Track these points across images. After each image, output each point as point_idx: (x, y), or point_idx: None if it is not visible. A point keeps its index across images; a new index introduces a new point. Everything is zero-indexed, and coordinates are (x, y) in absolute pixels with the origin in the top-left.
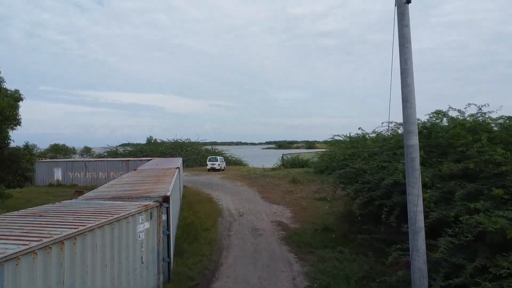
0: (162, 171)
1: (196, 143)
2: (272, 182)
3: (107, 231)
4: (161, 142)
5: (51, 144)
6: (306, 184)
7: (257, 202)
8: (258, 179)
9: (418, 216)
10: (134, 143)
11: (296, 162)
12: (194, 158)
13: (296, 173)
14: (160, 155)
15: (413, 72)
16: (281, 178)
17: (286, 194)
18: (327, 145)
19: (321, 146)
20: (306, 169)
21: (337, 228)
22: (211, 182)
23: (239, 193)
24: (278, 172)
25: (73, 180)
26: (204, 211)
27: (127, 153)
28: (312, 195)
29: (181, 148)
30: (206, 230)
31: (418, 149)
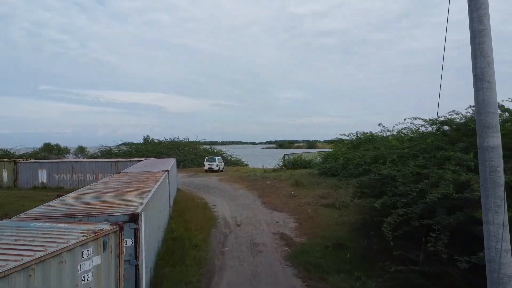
0: (147, 175)
1: (194, 143)
2: (273, 185)
3: (19, 279)
4: (158, 142)
5: (45, 142)
6: (311, 187)
7: (256, 208)
8: (258, 182)
9: (504, 258)
10: (133, 143)
11: (299, 162)
12: (192, 158)
13: (299, 174)
14: (157, 155)
15: (491, 35)
16: (283, 180)
17: (289, 199)
18: (332, 144)
19: (323, 145)
20: (310, 171)
21: (352, 244)
22: (208, 184)
23: (237, 197)
24: (280, 174)
25: (59, 183)
26: (196, 220)
27: (122, 153)
28: (318, 201)
29: (179, 148)
30: (195, 246)
31: (501, 153)
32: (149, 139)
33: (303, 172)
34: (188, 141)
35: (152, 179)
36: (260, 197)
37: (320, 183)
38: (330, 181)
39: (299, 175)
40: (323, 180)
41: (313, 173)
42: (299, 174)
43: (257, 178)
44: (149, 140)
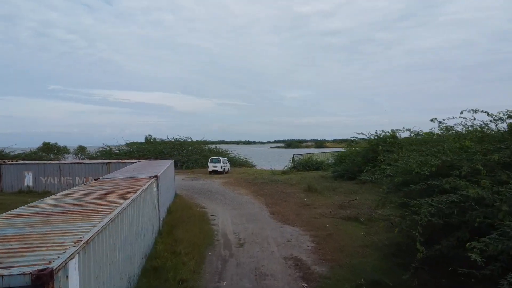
0: (127, 184)
1: (198, 142)
2: (283, 190)
3: None
4: (160, 142)
5: (44, 142)
6: (326, 193)
7: (264, 220)
8: (265, 186)
9: None
10: (134, 142)
11: (309, 164)
12: (196, 158)
13: (310, 178)
14: (158, 156)
15: None
16: (294, 184)
17: (302, 208)
18: (345, 144)
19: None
20: (322, 173)
21: (392, 280)
22: (210, 189)
23: (242, 205)
24: (290, 177)
25: (46, 186)
26: (190, 238)
27: (122, 153)
28: (336, 211)
29: (182, 148)
30: (182, 282)
31: None
32: (152, 138)
33: (315, 174)
34: (191, 141)
35: (130, 189)
36: (268, 205)
37: (336, 189)
38: (348, 186)
39: (311, 179)
40: (338, 185)
41: (326, 176)
42: (310, 177)
43: (264, 182)
44: (151, 139)
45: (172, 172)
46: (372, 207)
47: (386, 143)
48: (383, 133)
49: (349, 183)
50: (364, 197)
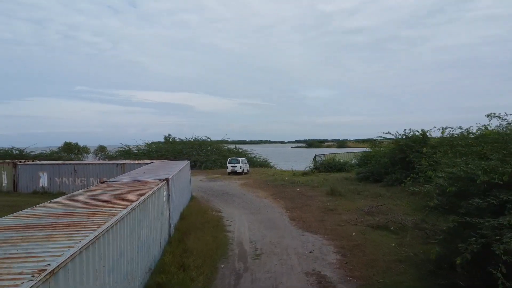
0: (133, 188)
1: (217, 142)
2: (304, 193)
3: None
4: (179, 141)
5: (65, 142)
6: (350, 197)
7: (283, 227)
8: (286, 188)
9: None
10: (153, 142)
11: (332, 165)
12: (215, 159)
13: (333, 180)
14: (177, 156)
15: None
16: (315, 187)
17: (325, 213)
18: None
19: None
20: (346, 175)
21: None
22: (228, 191)
23: (260, 210)
24: (311, 178)
25: (61, 187)
26: (201, 247)
27: (141, 153)
28: (363, 218)
29: (201, 148)
30: None
31: None
32: (171, 138)
33: (338, 176)
34: (210, 141)
35: (134, 195)
36: (288, 210)
37: (361, 192)
38: (373, 189)
39: (334, 181)
40: (364, 188)
41: (350, 178)
42: (333, 179)
43: (285, 184)
44: (170, 139)
45: (187, 173)
46: (407, 215)
47: (416, 143)
48: (412, 132)
49: (375, 186)
50: (392, 201)
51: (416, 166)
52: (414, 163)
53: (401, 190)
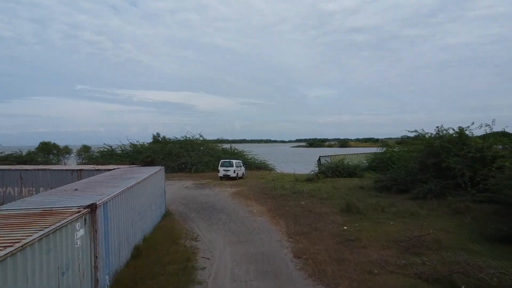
0: (21, 224)
1: (211, 141)
2: (311, 209)
3: None
4: (168, 141)
5: (41, 142)
6: (374, 217)
7: (285, 274)
8: (287, 201)
9: None
10: (137, 143)
11: (340, 169)
12: (207, 160)
13: (345, 188)
14: (165, 157)
15: None
16: (325, 199)
17: (343, 246)
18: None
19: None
20: (359, 181)
21: None
22: (215, 203)
23: (253, 236)
24: (318, 186)
25: (5, 198)
26: None
27: (124, 154)
28: (403, 258)
29: (192, 148)
30: None
31: None
32: (159, 137)
33: (350, 183)
34: (202, 140)
35: None
36: (291, 236)
37: (386, 208)
38: (401, 203)
39: (347, 190)
40: (388, 201)
41: (366, 186)
42: (345, 188)
43: (286, 194)
44: (159, 138)
45: (159, 184)
46: (472, 253)
47: (453, 144)
48: (445, 131)
49: (401, 199)
50: (437, 224)
51: (458, 174)
52: (452, 170)
53: (439, 206)
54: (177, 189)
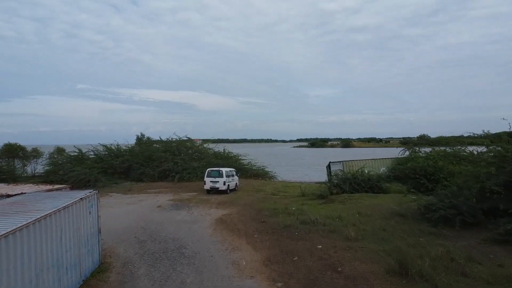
0: None
1: (196, 145)
2: (336, 263)
3: None
4: (155, 141)
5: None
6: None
7: None
8: (295, 239)
9: None
10: (110, 145)
11: (360, 181)
12: (195, 167)
13: (378, 216)
14: (144, 162)
15: None
16: (353, 239)
17: None
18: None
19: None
20: (391, 200)
21: None
22: (185, 241)
23: None
24: (335, 209)
25: None
26: None
27: (97, 159)
28: None
29: (179, 151)
30: None
31: None
32: (144, 138)
33: (378, 204)
34: (191, 142)
35: None
36: None
37: (468, 267)
38: (485, 255)
39: (380, 219)
40: (461, 248)
41: (408, 211)
42: (376, 214)
43: (292, 224)
44: (144, 139)
45: (84, 222)
46: None
47: None
48: None
49: (475, 241)
50: None
51: None
52: None
53: None
54: (144, 210)
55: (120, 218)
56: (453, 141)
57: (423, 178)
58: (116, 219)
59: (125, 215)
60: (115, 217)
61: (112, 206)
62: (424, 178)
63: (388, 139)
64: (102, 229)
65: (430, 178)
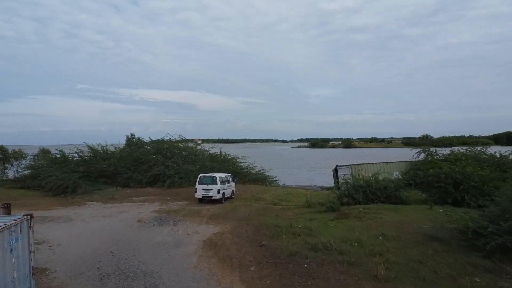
0: None
1: (191, 147)
2: None
3: None
4: (146, 143)
5: None
6: None
7: None
8: (305, 275)
9: None
10: (94, 145)
11: (374, 188)
12: (188, 171)
13: (407, 238)
14: (130, 167)
15: None
16: (384, 280)
17: None
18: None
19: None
20: (418, 215)
21: None
22: (159, 275)
23: None
24: (351, 228)
25: None
26: None
27: (81, 161)
28: None
29: (172, 153)
30: None
31: None
32: (134, 139)
33: (402, 221)
34: (184, 144)
35: None
36: None
37: None
38: None
39: (412, 243)
40: None
41: (445, 233)
42: (404, 237)
43: (299, 251)
44: (134, 140)
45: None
46: None
47: None
48: None
49: None
50: None
51: None
52: None
53: None
54: (121, 226)
55: (88, 238)
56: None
57: (450, 186)
58: (83, 239)
59: (95, 234)
60: (83, 236)
61: (85, 220)
62: (451, 187)
63: (389, 139)
64: (61, 254)
65: (459, 187)
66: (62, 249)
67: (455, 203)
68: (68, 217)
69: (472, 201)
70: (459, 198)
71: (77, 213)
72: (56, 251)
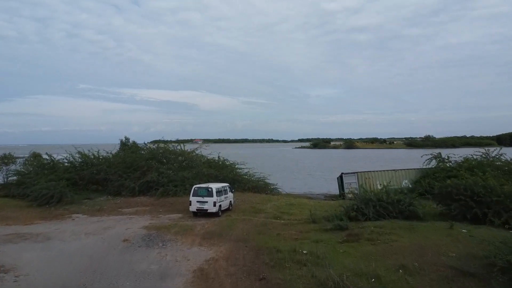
0: None
1: (190, 151)
2: None
3: None
4: (140, 147)
5: None
6: None
7: None
8: None
9: None
10: (82, 149)
11: (388, 202)
12: (184, 178)
13: (432, 271)
14: (123, 173)
15: None
16: None
17: None
18: None
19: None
20: (437, 236)
21: None
22: None
23: None
24: (365, 256)
25: None
26: None
27: (70, 167)
28: None
29: (168, 159)
30: None
31: None
32: (129, 143)
33: (421, 245)
34: (180, 148)
35: None
36: None
37: None
38: None
39: (443, 280)
40: None
41: (474, 271)
42: (429, 269)
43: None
44: (128, 143)
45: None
46: None
47: None
48: None
49: None
50: None
51: None
52: None
53: None
54: (102, 248)
55: (63, 264)
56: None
57: (470, 200)
58: (56, 266)
59: (73, 258)
60: (58, 261)
61: (65, 239)
62: (472, 201)
63: (391, 140)
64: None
65: (478, 201)
66: (28, 280)
67: (475, 219)
68: (47, 235)
69: (495, 218)
70: (479, 214)
71: (58, 230)
72: (21, 283)
